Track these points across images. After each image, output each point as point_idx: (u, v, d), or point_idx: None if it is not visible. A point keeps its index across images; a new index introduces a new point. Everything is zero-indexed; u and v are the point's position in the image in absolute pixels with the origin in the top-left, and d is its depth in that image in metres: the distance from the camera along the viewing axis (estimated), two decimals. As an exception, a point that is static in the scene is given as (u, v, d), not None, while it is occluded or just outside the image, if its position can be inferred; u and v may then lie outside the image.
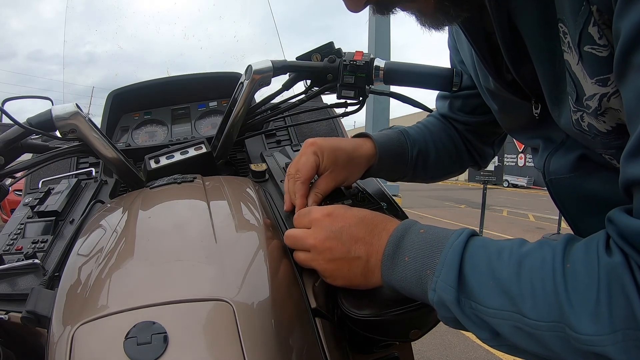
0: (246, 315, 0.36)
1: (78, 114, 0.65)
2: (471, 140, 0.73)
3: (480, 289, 0.37)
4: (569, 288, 0.32)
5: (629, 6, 0.29)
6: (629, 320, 0.30)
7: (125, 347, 0.32)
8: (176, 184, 0.62)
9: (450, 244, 0.40)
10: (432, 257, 0.40)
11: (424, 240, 0.42)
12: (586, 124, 0.41)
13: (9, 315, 0.50)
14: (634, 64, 0.30)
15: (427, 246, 0.41)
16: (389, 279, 0.44)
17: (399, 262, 0.43)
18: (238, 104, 0.74)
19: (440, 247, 0.40)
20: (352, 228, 0.46)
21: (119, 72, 1.20)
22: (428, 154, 0.69)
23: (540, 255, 0.36)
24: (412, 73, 0.68)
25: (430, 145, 0.70)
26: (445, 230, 0.43)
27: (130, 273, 0.41)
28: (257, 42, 1.20)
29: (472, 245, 0.40)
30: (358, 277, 0.46)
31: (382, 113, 4.62)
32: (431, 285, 0.39)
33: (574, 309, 0.32)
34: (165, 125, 1.00)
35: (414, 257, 0.42)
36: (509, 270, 0.36)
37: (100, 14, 1.23)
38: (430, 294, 0.40)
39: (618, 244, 0.32)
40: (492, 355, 2.50)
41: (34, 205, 0.73)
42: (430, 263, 0.40)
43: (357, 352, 0.55)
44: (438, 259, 0.40)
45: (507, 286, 0.36)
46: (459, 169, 0.77)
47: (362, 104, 0.74)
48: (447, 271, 0.38)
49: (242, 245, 0.47)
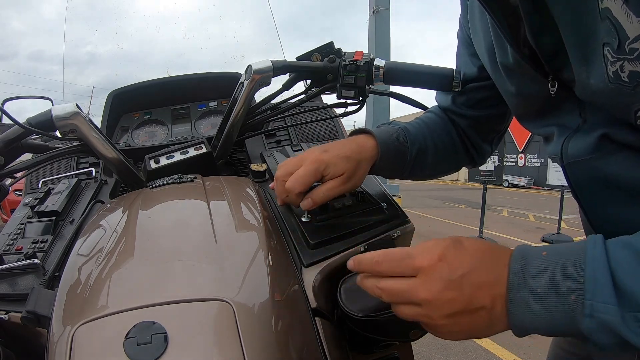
0: (246, 315, 0.36)
1: (78, 114, 0.65)
2: (470, 136, 0.73)
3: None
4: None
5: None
6: None
7: (125, 347, 0.32)
8: (176, 184, 0.62)
9: (590, 256, 0.34)
10: (574, 279, 0.34)
11: (554, 262, 0.36)
12: (627, 73, 0.37)
13: (9, 315, 0.50)
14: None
15: (562, 269, 0.35)
16: (520, 321, 0.37)
17: (529, 298, 0.36)
18: (238, 104, 0.74)
19: (578, 265, 0.34)
20: (474, 271, 0.38)
21: (119, 72, 1.20)
22: (427, 152, 0.68)
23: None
24: (412, 73, 0.69)
25: (429, 143, 0.69)
26: (571, 245, 0.37)
27: (130, 273, 0.41)
28: (257, 42, 1.21)
29: (613, 249, 0.34)
30: (483, 329, 0.39)
31: (382, 113, 4.62)
32: (584, 311, 0.33)
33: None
34: (165, 125, 1.00)
35: (548, 286, 0.35)
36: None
37: (101, 15, 1.23)
38: (585, 321, 0.33)
39: None
40: (492, 355, 2.50)
41: (34, 205, 0.73)
42: (575, 288, 0.34)
43: (357, 352, 0.55)
44: (582, 279, 0.34)
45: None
46: (455, 167, 0.76)
47: (362, 104, 0.74)
48: (602, 289, 0.33)
49: (242, 245, 0.47)
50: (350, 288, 0.51)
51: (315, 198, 0.57)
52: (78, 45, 1.13)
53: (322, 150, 0.58)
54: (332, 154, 0.57)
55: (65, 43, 1.09)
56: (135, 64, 1.30)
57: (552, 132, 0.53)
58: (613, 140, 0.44)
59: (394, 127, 0.67)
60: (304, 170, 0.56)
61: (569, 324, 0.34)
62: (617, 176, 0.45)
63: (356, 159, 0.59)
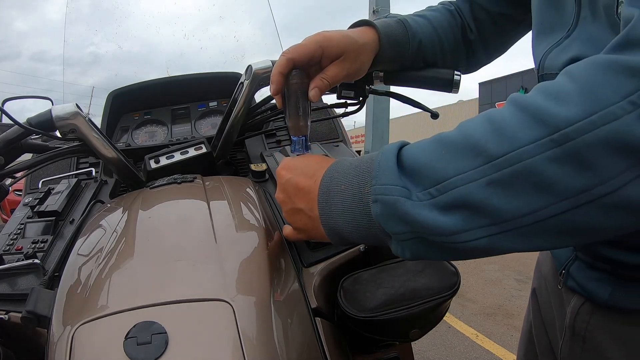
0: (246, 315, 0.36)
1: (78, 114, 0.65)
2: (473, 41, 0.70)
3: (430, 165, 0.31)
4: (537, 97, 0.28)
5: None
6: None
7: (125, 347, 0.32)
8: (176, 184, 0.62)
9: (382, 151, 0.35)
10: (367, 172, 0.35)
11: (356, 162, 0.37)
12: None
13: (9, 315, 0.50)
14: None
15: (360, 164, 0.36)
16: (331, 222, 0.38)
17: (335, 196, 0.37)
18: (238, 104, 0.74)
19: (372, 160, 0.35)
20: (295, 179, 0.43)
21: (119, 72, 1.20)
22: (426, 47, 0.65)
23: (489, 111, 0.31)
24: (412, 73, 0.68)
25: (434, 39, 0.66)
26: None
27: (130, 273, 0.41)
28: (258, 42, 1.21)
29: (409, 145, 0.35)
30: (313, 230, 0.42)
31: (382, 113, 4.62)
32: (372, 198, 0.33)
33: (555, 105, 0.27)
34: (165, 125, 1.00)
35: (349, 181, 0.36)
36: (459, 132, 0.31)
37: (100, 15, 1.23)
38: (373, 208, 0.33)
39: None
40: (492, 355, 2.50)
41: (34, 205, 0.73)
42: (368, 178, 0.34)
43: (357, 352, 0.55)
44: (372, 169, 0.34)
45: (462, 143, 0.30)
46: (450, 68, 0.71)
47: (362, 104, 0.74)
48: (385, 171, 0.33)
49: (242, 245, 0.47)
50: (350, 288, 0.51)
51: (317, 85, 0.51)
52: (81, 45, 1.13)
53: (324, 31, 0.54)
54: (334, 32, 0.54)
55: (67, 44, 1.09)
56: (135, 64, 1.31)
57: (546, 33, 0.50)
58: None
59: (392, 19, 0.64)
60: (307, 40, 0.52)
61: (367, 217, 0.35)
62: None
63: (357, 41, 0.55)
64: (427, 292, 0.48)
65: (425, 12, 0.70)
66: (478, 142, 0.29)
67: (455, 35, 0.70)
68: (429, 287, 0.49)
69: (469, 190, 0.29)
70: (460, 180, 0.29)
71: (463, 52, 0.71)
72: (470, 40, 0.71)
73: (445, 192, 0.30)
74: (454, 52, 0.70)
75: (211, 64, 1.41)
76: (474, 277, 3.77)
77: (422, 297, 0.48)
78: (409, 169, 0.32)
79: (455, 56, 0.71)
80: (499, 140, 0.28)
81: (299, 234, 0.46)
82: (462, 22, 0.70)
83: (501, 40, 0.73)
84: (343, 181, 0.37)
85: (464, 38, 0.70)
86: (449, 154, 0.30)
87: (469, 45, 0.71)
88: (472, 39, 0.71)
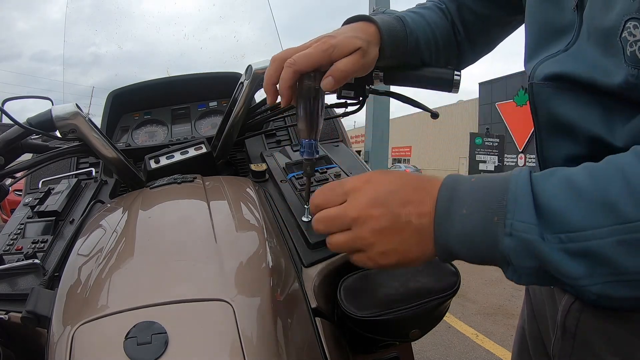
0: (246, 315, 0.36)
1: (78, 114, 0.65)
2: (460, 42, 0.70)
3: (566, 214, 0.32)
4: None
5: None
6: None
7: (125, 347, 0.32)
8: (176, 184, 0.62)
9: (514, 181, 0.35)
10: (498, 201, 0.34)
11: (481, 187, 0.36)
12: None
13: (9, 315, 0.50)
14: None
15: (488, 192, 0.36)
16: (445, 239, 0.37)
17: (455, 218, 0.37)
18: (238, 104, 0.74)
19: (504, 189, 0.35)
20: (400, 190, 0.39)
21: (119, 72, 1.20)
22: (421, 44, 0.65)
23: (619, 159, 0.32)
24: (412, 73, 0.68)
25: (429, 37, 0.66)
26: (499, 175, 0.37)
27: (130, 273, 0.41)
28: (258, 42, 1.21)
29: (537, 177, 0.35)
30: (413, 248, 0.39)
31: (382, 113, 4.61)
32: (505, 231, 0.33)
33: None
34: (165, 125, 1.00)
35: (474, 207, 0.36)
36: (592, 182, 0.32)
37: (101, 15, 1.23)
38: (505, 241, 0.33)
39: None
40: (492, 355, 2.50)
41: (34, 205, 0.73)
42: (498, 208, 0.34)
43: (357, 352, 0.55)
44: (505, 201, 0.34)
45: (599, 198, 0.31)
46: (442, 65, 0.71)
47: (362, 104, 0.74)
48: (522, 207, 0.33)
49: (242, 245, 0.47)
50: (350, 288, 0.51)
51: (335, 75, 0.49)
52: (81, 45, 1.13)
53: (328, 36, 0.52)
54: (340, 38, 0.51)
55: (67, 44, 1.09)
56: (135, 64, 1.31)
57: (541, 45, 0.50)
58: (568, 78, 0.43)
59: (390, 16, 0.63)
60: (313, 48, 0.49)
61: (491, 246, 0.35)
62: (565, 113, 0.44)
63: (365, 39, 0.54)
64: (427, 292, 0.48)
65: (419, 9, 0.70)
66: (614, 202, 0.31)
67: (448, 33, 0.70)
68: (429, 287, 0.49)
69: (600, 245, 0.31)
70: (592, 235, 0.31)
71: (454, 50, 0.72)
72: (458, 40, 0.71)
73: (577, 242, 0.32)
74: (446, 49, 0.70)
75: (211, 64, 1.41)
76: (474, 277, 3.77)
77: (422, 297, 0.48)
78: (544, 210, 0.33)
79: (447, 54, 0.71)
80: (634, 204, 0.30)
81: (388, 258, 0.40)
82: (452, 21, 0.71)
83: (487, 40, 0.73)
84: (465, 205, 0.36)
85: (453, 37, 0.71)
86: (584, 205, 0.32)
87: (457, 45, 0.72)
88: (460, 39, 0.71)
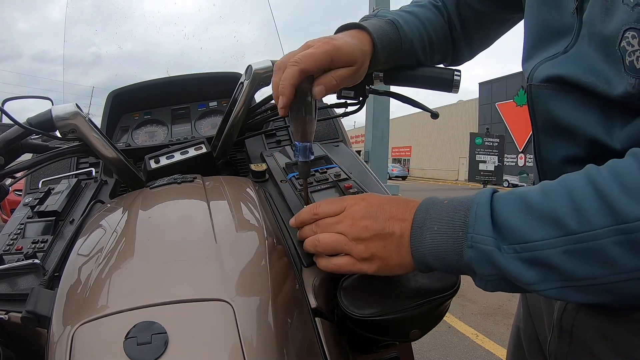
0: (246, 315, 0.36)
1: (78, 114, 0.65)
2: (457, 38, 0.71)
3: (519, 227, 0.37)
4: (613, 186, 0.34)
5: None
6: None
7: (125, 347, 0.32)
8: (176, 184, 0.62)
9: (476, 201, 0.40)
10: (462, 219, 0.40)
11: (450, 207, 0.42)
12: None
13: (9, 315, 0.50)
14: None
15: (455, 211, 0.42)
16: (420, 254, 0.43)
17: (428, 233, 0.43)
18: (238, 104, 0.74)
19: (467, 208, 0.41)
20: (386, 206, 0.47)
21: (119, 72, 1.20)
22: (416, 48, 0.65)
23: (570, 178, 0.37)
24: (412, 73, 0.68)
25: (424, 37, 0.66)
26: (468, 196, 0.43)
27: (130, 273, 0.41)
28: (258, 42, 1.21)
29: (498, 196, 0.40)
30: (393, 257, 0.45)
31: (382, 113, 4.61)
32: (467, 243, 0.39)
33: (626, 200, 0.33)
34: (165, 125, 1.00)
35: (443, 224, 0.42)
36: (543, 200, 0.37)
37: (101, 15, 1.23)
38: (467, 252, 0.39)
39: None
40: (492, 355, 2.50)
41: (34, 205, 0.73)
42: (462, 225, 0.40)
43: (357, 352, 0.55)
44: (468, 218, 0.40)
45: (547, 213, 0.36)
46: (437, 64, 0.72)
47: (362, 104, 0.74)
48: (481, 223, 0.39)
49: (242, 245, 0.47)
50: (350, 288, 0.51)
51: (325, 83, 0.51)
52: (81, 45, 1.13)
53: (330, 37, 0.54)
54: (342, 40, 0.53)
55: (67, 44, 1.09)
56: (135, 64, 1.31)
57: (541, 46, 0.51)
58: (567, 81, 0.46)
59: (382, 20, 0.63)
60: (317, 49, 0.50)
61: (457, 257, 0.40)
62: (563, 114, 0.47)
63: (362, 48, 0.55)
64: (427, 292, 0.48)
65: (413, 8, 0.69)
66: (561, 218, 0.35)
67: (443, 31, 0.70)
68: (429, 287, 0.49)
69: (548, 254, 0.36)
70: (542, 245, 0.36)
71: (450, 47, 0.72)
72: (454, 37, 0.71)
73: (529, 251, 0.36)
74: (440, 47, 0.70)
75: (211, 64, 1.41)
76: (474, 277, 3.77)
77: (422, 297, 0.48)
78: (500, 225, 0.38)
79: (441, 52, 0.71)
80: (578, 220, 0.35)
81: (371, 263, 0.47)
82: (448, 18, 0.70)
83: (485, 37, 0.73)
84: (436, 223, 0.42)
85: (449, 34, 0.71)
86: (535, 220, 0.37)
87: (453, 42, 0.72)
88: (456, 36, 0.71)
